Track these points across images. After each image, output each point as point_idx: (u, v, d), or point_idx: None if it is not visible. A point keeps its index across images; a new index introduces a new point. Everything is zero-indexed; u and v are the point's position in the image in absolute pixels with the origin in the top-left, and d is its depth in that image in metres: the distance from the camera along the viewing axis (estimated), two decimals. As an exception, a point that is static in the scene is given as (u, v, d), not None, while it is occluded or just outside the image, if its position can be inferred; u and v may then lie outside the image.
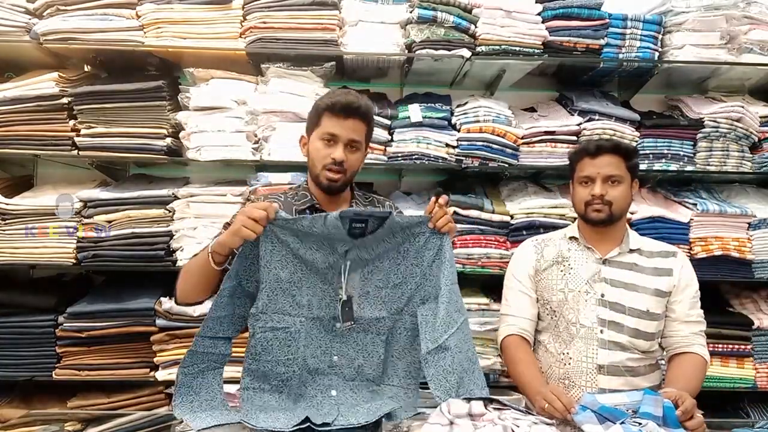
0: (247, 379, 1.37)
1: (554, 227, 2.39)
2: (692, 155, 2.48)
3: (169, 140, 2.36)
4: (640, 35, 2.41)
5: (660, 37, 2.44)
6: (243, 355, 1.34)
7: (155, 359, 2.32)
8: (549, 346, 1.74)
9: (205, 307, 2.24)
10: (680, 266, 1.73)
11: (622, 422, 1.21)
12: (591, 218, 1.71)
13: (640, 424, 1.20)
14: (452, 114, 2.47)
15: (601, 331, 1.66)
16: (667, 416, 1.25)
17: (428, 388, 1.33)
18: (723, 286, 2.68)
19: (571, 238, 1.80)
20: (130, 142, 2.34)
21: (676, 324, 1.71)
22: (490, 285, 2.51)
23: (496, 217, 2.40)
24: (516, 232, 2.40)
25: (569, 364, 1.69)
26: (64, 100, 2.32)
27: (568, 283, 1.73)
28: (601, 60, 2.43)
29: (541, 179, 2.67)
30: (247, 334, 1.43)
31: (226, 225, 1.48)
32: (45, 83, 2.32)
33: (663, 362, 1.82)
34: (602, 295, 1.68)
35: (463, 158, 2.40)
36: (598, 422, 1.24)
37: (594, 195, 1.69)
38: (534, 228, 2.39)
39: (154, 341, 2.31)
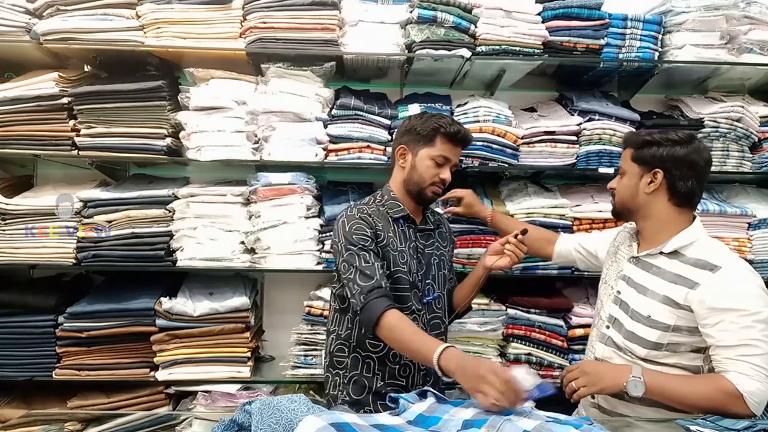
0: None
1: (554, 227, 2.40)
2: (692, 155, 2.48)
3: (169, 140, 2.35)
4: (640, 35, 2.40)
5: (660, 37, 2.43)
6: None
7: (155, 359, 2.33)
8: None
9: (206, 307, 2.29)
10: (716, 284, 1.45)
11: None
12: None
13: None
14: (452, 114, 2.46)
15: (607, 327, 1.67)
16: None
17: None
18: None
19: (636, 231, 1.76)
20: (130, 142, 2.34)
21: (714, 348, 1.45)
22: (490, 285, 2.51)
23: (496, 217, 2.40)
24: (516, 232, 2.41)
25: (589, 349, 1.78)
26: (64, 100, 2.32)
27: (606, 276, 1.77)
28: (601, 60, 2.42)
29: (541, 179, 2.67)
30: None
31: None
32: (45, 83, 2.31)
33: None
34: (618, 293, 1.67)
35: (463, 158, 2.40)
36: None
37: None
38: (534, 228, 2.40)
39: (154, 341, 2.31)
